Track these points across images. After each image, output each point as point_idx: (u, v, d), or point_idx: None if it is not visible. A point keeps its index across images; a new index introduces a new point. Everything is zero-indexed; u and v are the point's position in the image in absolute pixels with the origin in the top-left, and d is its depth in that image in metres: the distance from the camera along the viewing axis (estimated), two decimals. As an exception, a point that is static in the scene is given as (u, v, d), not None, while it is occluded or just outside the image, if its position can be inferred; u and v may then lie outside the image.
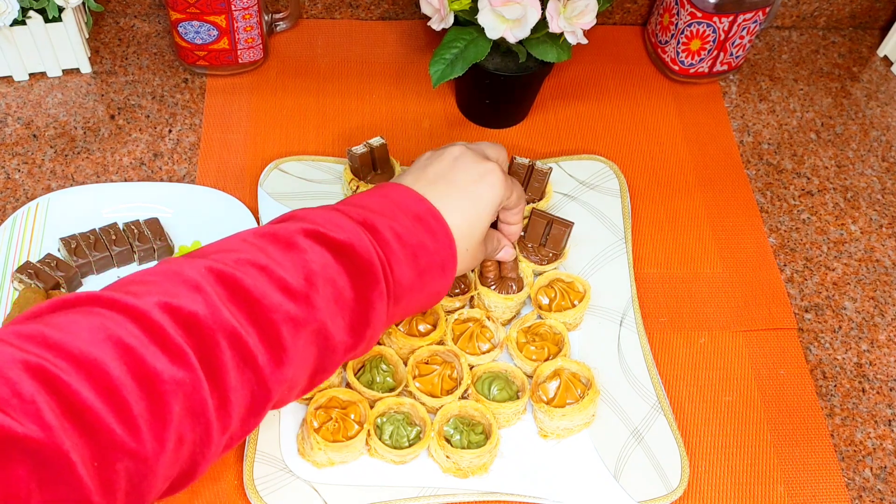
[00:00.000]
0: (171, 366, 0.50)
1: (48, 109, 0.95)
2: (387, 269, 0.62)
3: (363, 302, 0.61)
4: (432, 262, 0.65)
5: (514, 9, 0.80)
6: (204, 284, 0.54)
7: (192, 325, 0.52)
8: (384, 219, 0.64)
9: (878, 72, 1.09)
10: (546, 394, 0.76)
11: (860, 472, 0.78)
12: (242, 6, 0.91)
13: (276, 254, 0.58)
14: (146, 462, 0.49)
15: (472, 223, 0.68)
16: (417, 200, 0.66)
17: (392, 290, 0.63)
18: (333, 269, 0.59)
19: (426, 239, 0.65)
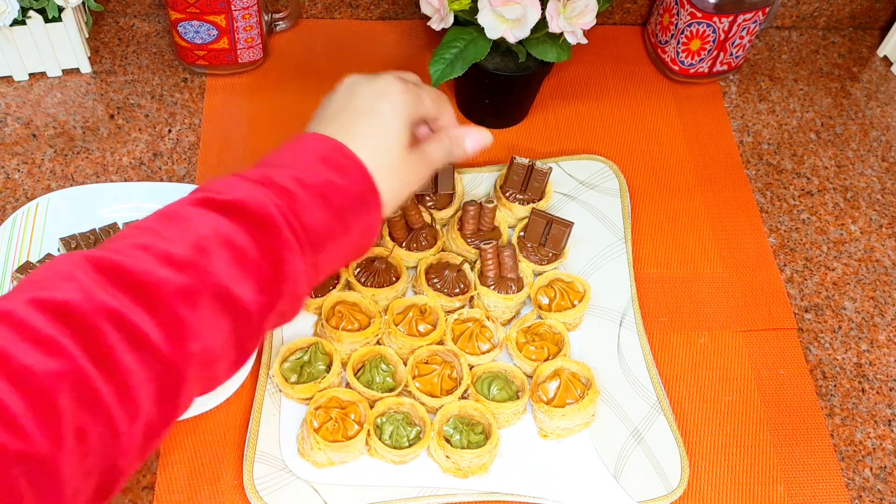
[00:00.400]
0: (44, 358, 0.48)
1: (48, 109, 0.95)
2: (290, 217, 0.59)
3: (270, 257, 0.58)
4: (348, 198, 0.62)
5: (514, 9, 0.80)
6: (78, 273, 0.52)
7: (66, 314, 0.50)
8: (283, 169, 0.61)
9: (878, 72, 1.09)
10: (546, 394, 0.76)
11: (860, 472, 0.78)
12: (242, 6, 0.91)
13: (163, 229, 0.56)
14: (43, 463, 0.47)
15: (383, 143, 0.65)
16: (319, 140, 0.64)
17: (304, 238, 0.60)
18: (229, 230, 0.57)
19: (334, 176, 0.62)
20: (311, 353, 0.76)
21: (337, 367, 0.75)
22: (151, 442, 0.54)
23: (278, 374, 0.75)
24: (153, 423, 0.53)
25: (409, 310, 0.79)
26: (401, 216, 0.83)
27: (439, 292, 0.80)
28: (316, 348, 0.76)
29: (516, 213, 0.87)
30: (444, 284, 0.81)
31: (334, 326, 0.77)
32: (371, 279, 0.80)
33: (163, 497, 0.72)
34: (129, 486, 0.72)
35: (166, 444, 0.74)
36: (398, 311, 0.80)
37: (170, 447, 0.74)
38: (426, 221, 0.85)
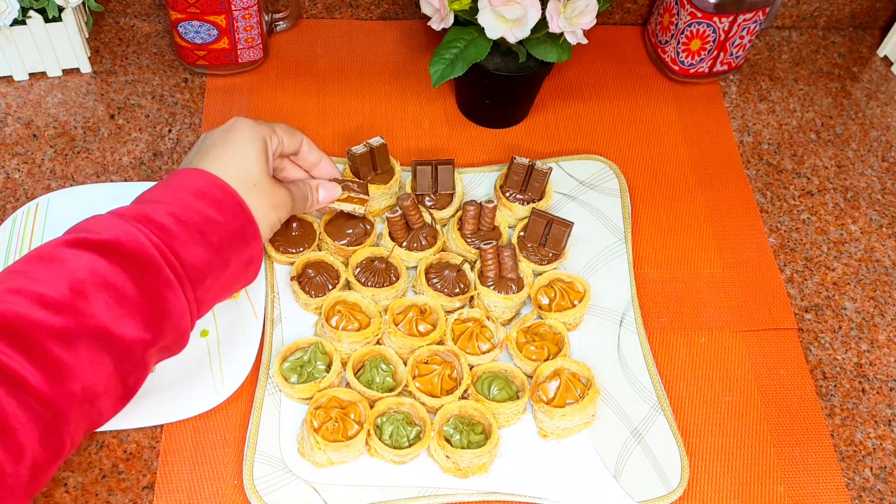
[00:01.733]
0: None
1: (48, 109, 0.95)
2: (168, 255, 0.60)
3: (150, 295, 0.59)
4: (226, 233, 0.64)
5: (514, 9, 0.80)
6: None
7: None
8: (161, 206, 0.62)
9: (878, 72, 1.09)
10: (546, 394, 0.76)
11: (860, 472, 0.78)
12: (242, 6, 0.91)
13: (38, 272, 0.57)
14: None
15: (241, 164, 0.67)
16: (194, 176, 0.65)
17: (185, 273, 0.61)
18: (107, 271, 0.58)
19: (211, 211, 0.63)
20: (311, 353, 0.76)
21: (337, 367, 0.75)
22: (39, 480, 0.55)
23: (278, 374, 0.75)
24: (39, 463, 0.54)
25: (409, 310, 0.79)
26: (401, 216, 0.83)
27: (439, 292, 0.80)
28: (316, 348, 0.76)
29: (516, 213, 0.87)
30: (444, 284, 0.81)
31: (334, 326, 0.77)
32: (371, 279, 0.80)
33: (163, 497, 0.72)
34: (129, 486, 0.72)
35: (166, 444, 0.74)
36: (398, 311, 0.80)
37: (170, 447, 0.74)
38: (426, 221, 0.85)
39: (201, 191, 0.64)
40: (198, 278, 0.62)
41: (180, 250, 0.61)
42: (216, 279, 0.64)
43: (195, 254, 0.62)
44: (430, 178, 0.86)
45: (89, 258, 0.58)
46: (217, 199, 0.64)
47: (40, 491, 0.58)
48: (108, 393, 0.58)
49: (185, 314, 0.62)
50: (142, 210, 0.62)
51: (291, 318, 0.81)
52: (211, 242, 0.63)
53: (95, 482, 0.72)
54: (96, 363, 0.57)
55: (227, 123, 0.71)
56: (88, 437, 0.74)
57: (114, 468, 0.73)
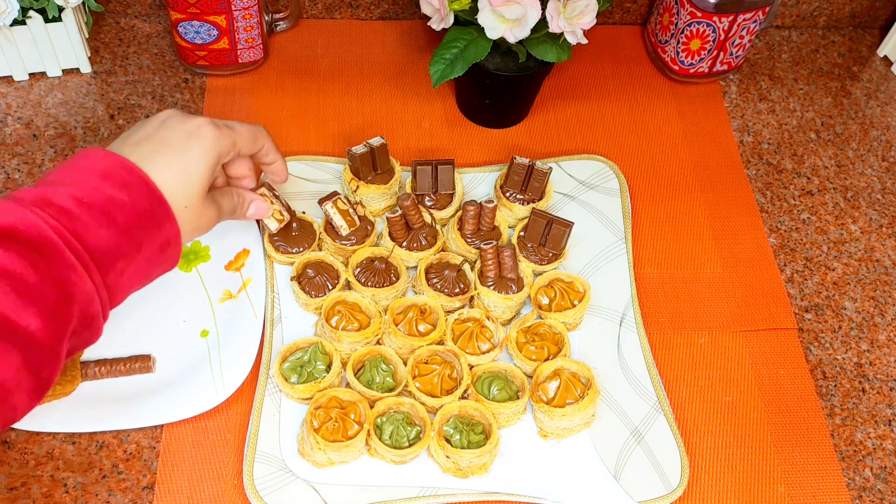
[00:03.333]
0: None
1: (48, 109, 0.95)
2: (70, 238, 0.58)
3: (52, 281, 0.57)
4: (135, 214, 0.61)
5: (514, 9, 0.80)
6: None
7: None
8: (62, 188, 0.60)
9: (878, 72, 1.09)
10: (546, 394, 0.76)
11: (860, 472, 0.78)
12: (242, 6, 0.91)
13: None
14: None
15: (184, 180, 0.64)
16: (104, 157, 0.62)
17: (89, 257, 0.59)
18: (5, 259, 0.55)
19: (117, 193, 0.60)
20: (311, 353, 0.76)
21: (337, 367, 0.75)
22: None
23: (278, 374, 0.75)
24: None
25: (409, 310, 0.79)
26: (401, 216, 0.83)
27: (439, 292, 0.80)
28: (316, 348, 0.76)
29: (516, 213, 0.87)
30: (444, 284, 0.81)
31: (334, 326, 0.77)
32: (371, 279, 0.80)
33: (163, 497, 0.72)
34: (129, 486, 0.72)
35: (166, 444, 0.74)
36: (398, 311, 0.80)
37: (170, 447, 0.74)
38: (426, 221, 0.85)
39: (106, 172, 0.61)
40: (106, 262, 0.60)
41: (83, 233, 0.58)
42: (128, 263, 0.61)
43: (100, 235, 0.59)
44: (430, 178, 0.86)
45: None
46: (123, 180, 0.61)
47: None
48: (20, 387, 0.56)
49: (93, 299, 0.59)
50: (41, 193, 0.59)
51: (291, 318, 0.81)
52: (117, 224, 0.60)
53: (95, 482, 0.72)
54: (3, 358, 0.54)
55: (191, 122, 0.67)
56: (88, 438, 0.74)
57: (114, 468, 0.73)
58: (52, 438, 0.74)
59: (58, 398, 0.74)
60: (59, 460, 0.73)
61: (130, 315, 0.80)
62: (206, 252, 0.85)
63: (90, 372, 0.75)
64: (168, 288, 0.82)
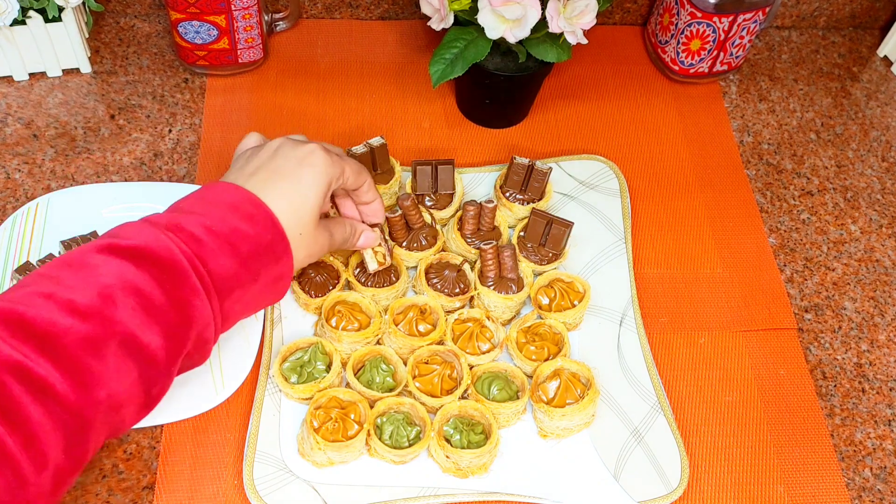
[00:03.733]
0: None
1: (48, 109, 0.95)
2: (197, 263, 0.60)
3: (177, 303, 0.59)
4: (257, 247, 0.63)
5: (514, 9, 0.80)
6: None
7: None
8: (192, 216, 0.62)
9: (878, 72, 1.09)
10: (546, 394, 0.76)
11: (860, 472, 0.78)
12: (242, 6, 0.91)
13: (67, 277, 0.57)
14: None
15: (298, 209, 0.66)
16: (229, 190, 0.65)
17: (212, 283, 0.61)
18: (135, 277, 0.57)
19: (243, 225, 0.63)
20: (311, 353, 0.76)
21: (337, 367, 0.75)
22: (61, 488, 0.55)
23: (278, 374, 0.75)
24: (62, 471, 0.54)
25: (409, 310, 0.79)
26: (401, 216, 0.83)
27: (439, 292, 0.80)
28: (316, 348, 0.76)
29: (516, 213, 0.87)
30: (444, 284, 0.81)
31: (334, 326, 0.77)
32: (371, 279, 0.80)
33: (163, 497, 0.72)
34: (129, 486, 0.72)
35: (166, 444, 0.74)
36: (398, 311, 0.80)
37: (170, 447, 0.74)
38: (426, 221, 0.85)
39: (234, 204, 0.64)
40: (225, 290, 0.62)
41: (209, 260, 0.61)
42: (244, 292, 0.64)
43: (223, 264, 0.61)
44: (430, 178, 0.86)
45: (118, 264, 0.58)
46: (249, 214, 0.64)
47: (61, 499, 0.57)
48: (132, 401, 0.58)
49: (209, 324, 0.61)
50: (173, 219, 0.62)
51: (291, 318, 0.81)
52: (240, 254, 0.62)
53: (95, 482, 0.72)
54: (122, 371, 0.56)
55: (302, 149, 0.68)
56: (88, 437, 0.74)
57: (114, 468, 0.73)
58: (52, 438, 0.74)
59: (58, 398, 0.74)
60: (59, 460, 0.73)
61: (130, 315, 0.80)
62: (206, 252, 0.85)
63: (90, 372, 0.75)
64: (168, 288, 0.82)
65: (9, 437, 0.50)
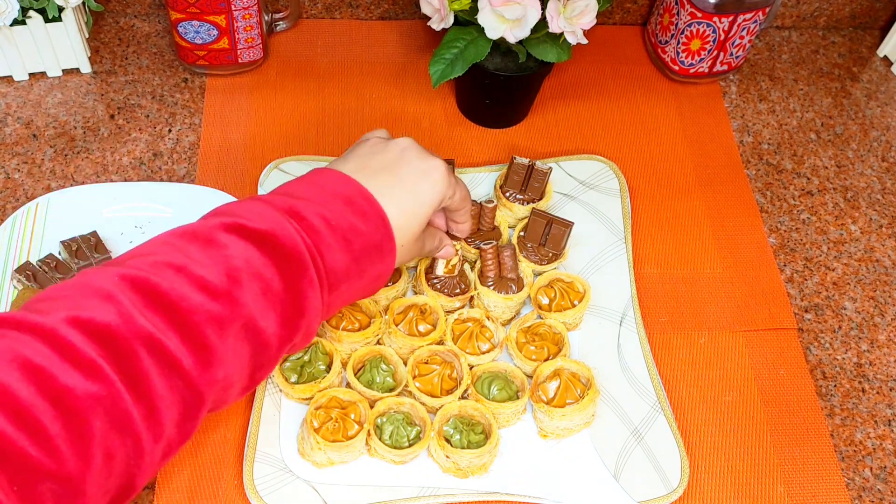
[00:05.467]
0: (85, 381, 0.49)
1: (48, 109, 0.95)
2: (315, 255, 0.60)
3: (294, 292, 0.59)
4: (367, 245, 0.64)
5: (514, 9, 0.80)
6: (116, 293, 0.53)
7: (106, 337, 0.51)
8: (311, 205, 0.62)
9: (878, 72, 1.09)
10: (546, 394, 0.76)
11: (860, 472, 0.78)
12: (242, 6, 0.91)
13: (196, 252, 0.57)
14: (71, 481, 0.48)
15: (409, 218, 0.67)
16: (347, 183, 0.65)
17: (325, 277, 0.61)
18: (259, 262, 0.58)
19: (357, 221, 0.63)
20: (311, 353, 0.76)
21: (337, 367, 0.75)
22: (166, 459, 0.56)
23: (278, 374, 0.75)
24: (172, 443, 0.55)
25: (409, 310, 0.79)
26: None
27: (439, 292, 0.80)
28: (316, 348, 0.76)
29: (516, 213, 0.87)
30: (444, 284, 0.81)
31: (334, 326, 0.77)
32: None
33: (163, 497, 0.72)
34: (129, 486, 0.72)
35: (166, 444, 0.74)
36: (398, 311, 0.80)
37: (170, 447, 0.74)
38: (426, 221, 0.85)
39: (349, 198, 0.64)
40: (335, 283, 0.62)
41: (325, 252, 0.61)
42: (349, 287, 0.64)
43: (338, 259, 0.62)
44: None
45: (245, 247, 0.58)
46: (363, 209, 0.64)
47: None
48: (240, 383, 0.59)
49: (318, 316, 0.62)
50: (292, 205, 0.61)
51: (291, 318, 0.81)
52: (352, 250, 0.63)
53: (95, 482, 0.72)
54: (239, 353, 0.57)
55: (427, 161, 0.69)
56: (88, 437, 0.74)
57: (114, 468, 0.73)
58: (51, 438, 0.74)
59: (58, 398, 0.74)
60: (58, 460, 0.73)
61: (130, 315, 0.80)
62: (206, 252, 0.85)
63: (90, 372, 0.75)
64: (168, 288, 0.82)
65: (136, 409, 0.51)
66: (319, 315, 0.62)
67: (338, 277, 0.63)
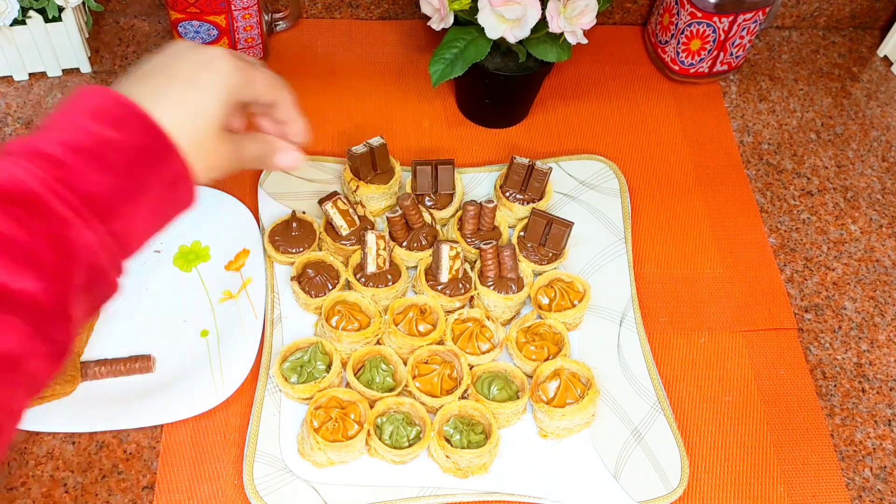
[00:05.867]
0: None
1: (48, 109, 0.95)
2: (59, 189, 0.53)
3: (47, 238, 0.53)
4: (132, 153, 0.56)
5: (514, 9, 0.80)
6: None
7: None
8: (52, 133, 0.55)
9: (878, 72, 1.09)
10: (546, 394, 0.76)
11: (860, 472, 0.78)
12: (242, 6, 0.91)
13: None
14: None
15: (192, 113, 0.59)
16: (95, 94, 0.57)
17: (85, 206, 0.54)
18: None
19: (108, 132, 0.56)
20: (311, 353, 0.76)
21: (337, 367, 0.75)
22: None
23: (278, 374, 0.75)
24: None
25: (409, 310, 0.79)
26: (401, 216, 0.83)
27: (439, 292, 0.80)
28: (316, 348, 0.76)
29: (516, 213, 0.87)
30: (445, 284, 0.81)
31: (334, 326, 0.77)
32: (371, 279, 0.80)
33: (163, 497, 0.72)
34: (129, 486, 0.72)
35: (166, 444, 0.74)
36: (398, 311, 0.80)
37: (170, 447, 0.74)
38: (426, 221, 0.85)
39: (97, 110, 0.56)
40: (106, 209, 0.55)
41: (75, 182, 0.54)
42: (134, 206, 0.57)
43: (95, 182, 0.55)
44: (430, 178, 0.86)
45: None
46: (114, 117, 0.56)
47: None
48: (35, 354, 0.52)
49: (96, 252, 0.55)
50: (31, 142, 0.55)
51: (291, 318, 0.81)
52: (114, 166, 0.55)
53: (95, 482, 0.72)
54: (4, 327, 0.51)
55: (205, 52, 0.61)
56: (88, 438, 0.74)
57: (114, 468, 0.73)
58: (51, 438, 0.74)
59: (58, 398, 0.74)
60: (58, 460, 0.73)
61: (130, 315, 0.80)
62: (206, 252, 0.85)
63: (90, 372, 0.75)
64: (168, 288, 0.82)
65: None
66: (102, 249, 0.55)
67: (107, 202, 0.55)
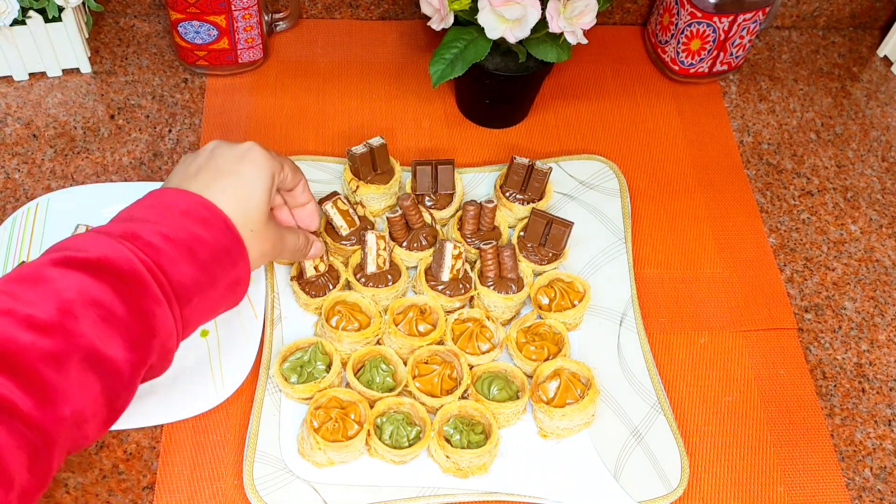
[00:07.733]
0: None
1: (48, 109, 0.95)
2: (157, 272, 0.59)
3: (138, 313, 0.58)
4: (214, 251, 0.63)
5: (514, 9, 0.80)
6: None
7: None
8: (148, 224, 0.61)
9: (878, 72, 1.09)
10: (546, 394, 0.76)
11: (860, 472, 0.78)
12: (242, 6, 0.91)
13: (24, 293, 0.56)
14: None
15: (244, 203, 0.65)
16: (180, 195, 0.64)
17: (172, 292, 0.60)
18: (94, 289, 0.56)
19: (198, 229, 0.62)
20: (311, 353, 0.76)
21: (337, 367, 0.75)
22: None
23: (278, 374, 0.75)
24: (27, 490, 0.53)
25: (409, 310, 0.79)
26: (401, 216, 0.83)
27: (439, 292, 0.80)
28: (316, 348, 0.76)
29: (516, 213, 0.87)
30: (445, 284, 0.81)
31: (334, 326, 0.77)
32: (371, 279, 0.80)
33: (163, 497, 0.72)
34: (129, 486, 0.72)
35: (166, 444, 0.74)
36: (398, 311, 0.80)
37: (170, 447, 0.74)
38: (426, 221, 0.85)
39: (187, 210, 0.63)
40: (185, 297, 0.61)
41: (168, 268, 0.60)
42: (203, 298, 0.63)
43: (183, 271, 0.61)
44: (430, 178, 0.86)
45: (76, 277, 0.57)
46: (203, 217, 0.63)
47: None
48: (96, 416, 0.57)
49: (172, 334, 0.61)
50: (129, 228, 0.61)
51: (291, 318, 0.81)
52: (198, 260, 0.62)
53: (95, 482, 0.72)
54: (86, 385, 0.55)
55: (239, 147, 0.68)
56: (88, 438, 0.74)
57: (114, 468, 0.73)
58: (51, 438, 0.74)
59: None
60: (58, 460, 0.73)
61: (130, 315, 0.80)
62: (206, 252, 0.85)
63: (90, 372, 0.75)
64: (168, 288, 0.82)
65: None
66: (174, 332, 0.61)
67: (188, 290, 0.61)
